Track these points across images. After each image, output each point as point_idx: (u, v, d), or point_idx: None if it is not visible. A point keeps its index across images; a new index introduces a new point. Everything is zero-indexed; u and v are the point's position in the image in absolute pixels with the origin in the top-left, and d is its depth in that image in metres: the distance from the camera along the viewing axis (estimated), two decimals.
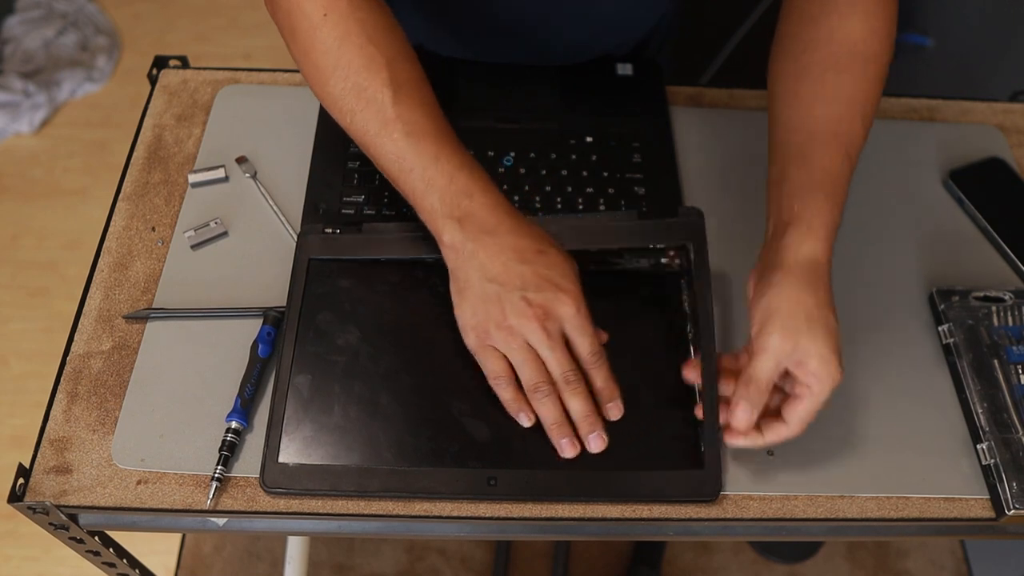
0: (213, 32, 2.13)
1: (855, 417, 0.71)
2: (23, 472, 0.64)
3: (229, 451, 0.65)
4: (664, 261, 0.74)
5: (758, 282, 0.65)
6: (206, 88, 0.88)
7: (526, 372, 0.65)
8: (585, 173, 0.82)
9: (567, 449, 0.65)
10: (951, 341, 0.75)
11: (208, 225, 0.77)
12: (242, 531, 0.69)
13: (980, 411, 0.71)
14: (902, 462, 0.69)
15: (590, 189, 0.81)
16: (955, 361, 0.74)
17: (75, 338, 0.71)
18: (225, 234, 0.78)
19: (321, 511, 0.64)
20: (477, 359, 0.66)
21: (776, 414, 0.64)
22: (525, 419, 0.65)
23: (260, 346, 0.69)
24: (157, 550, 1.37)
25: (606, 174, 0.82)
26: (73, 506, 0.64)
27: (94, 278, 0.75)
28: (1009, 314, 0.76)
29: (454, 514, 0.65)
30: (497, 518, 0.65)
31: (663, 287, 0.73)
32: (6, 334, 1.65)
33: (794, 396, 0.63)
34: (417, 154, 0.65)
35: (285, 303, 0.71)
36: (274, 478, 0.64)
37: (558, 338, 0.64)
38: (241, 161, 0.82)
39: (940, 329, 0.76)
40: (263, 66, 0.91)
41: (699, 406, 0.67)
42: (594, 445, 0.65)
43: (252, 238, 0.78)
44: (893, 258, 0.81)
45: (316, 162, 0.82)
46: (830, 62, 0.70)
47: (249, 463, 0.66)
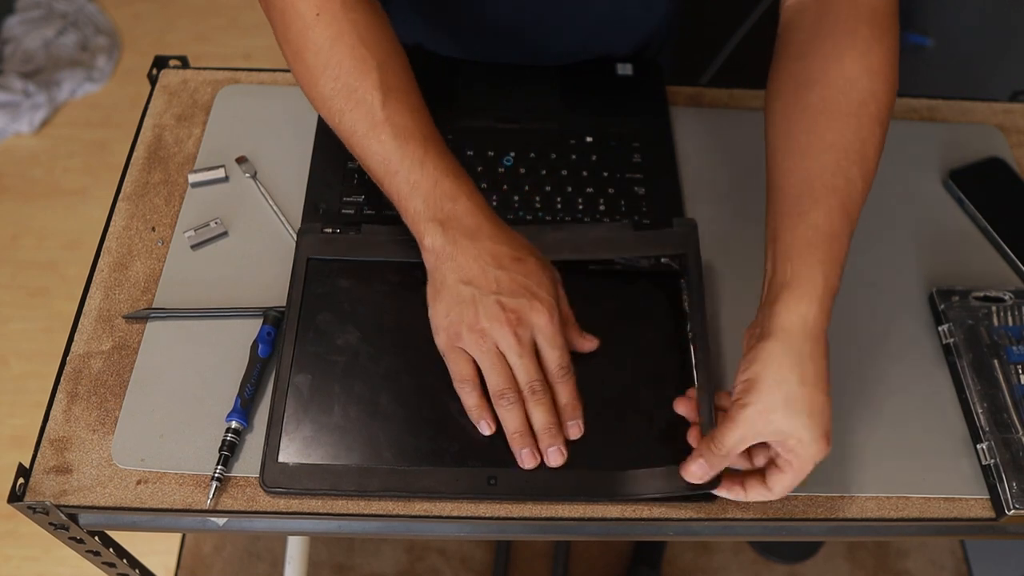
0: (213, 32, 2.13)
1: (855, 417, 0.71)
2: (23, 472, 0.64)
3: (229, 451, 0.65)
4: (664, 260, 0.74)
5: (748, 345, 0.62)
6: (206, 88, 0.88)
7: (493, 377, 0.64)
8: (585, 173, 0.82)
9: (527, 460, 0.64)
10: (951, 341, 0.75)
11: (208, 225, 0.77)
12: (242, 531, 0.69)
13: (980, 411, 0.71)
14: (902, 462, 0.69)
15: (590, 189, 0.81)
16: (955, 361, 0.74)
17: (75, 338, 0.71)
18: (225, 234, 0.78)
19: (321, 511, 0.64)
20: (445, 360, 0.66)
21: (762, 472, 0.62)
22: (486, 427, 0.65)
23: (260, 346, 0.69)
24: (157, 550, 1.37)
25: (606, 174, 0.82)
26: (73, 506, 0.64)
27: (94, 278, 0.75)
28: (1009, 314, 0.76)
29: (454, 514, 0.65)
30: (497, 518, 0.65)
31: (663, 286, 0.73)
32: (6, 334, 1.65)
33: (777, 466, 0.61)
34: (403, 157, 0.65)
35: (285, 303, 0.71)
36: (274, 478, 0.64)
37: (528, 346, 0.64)
38: (241, 161, 0.82)
39: (940, 329, 0.76)
40: (263, 66, 0.91)
41: (691, 431, 0.65)
42: (553, 459, 0.64)
43: (252, 238, 0.78)
44: (893, 258, 0.81)
45: (316, 162, 0.82)
46: (823, 105, 0.65)
47: (249, 463, 0.66)
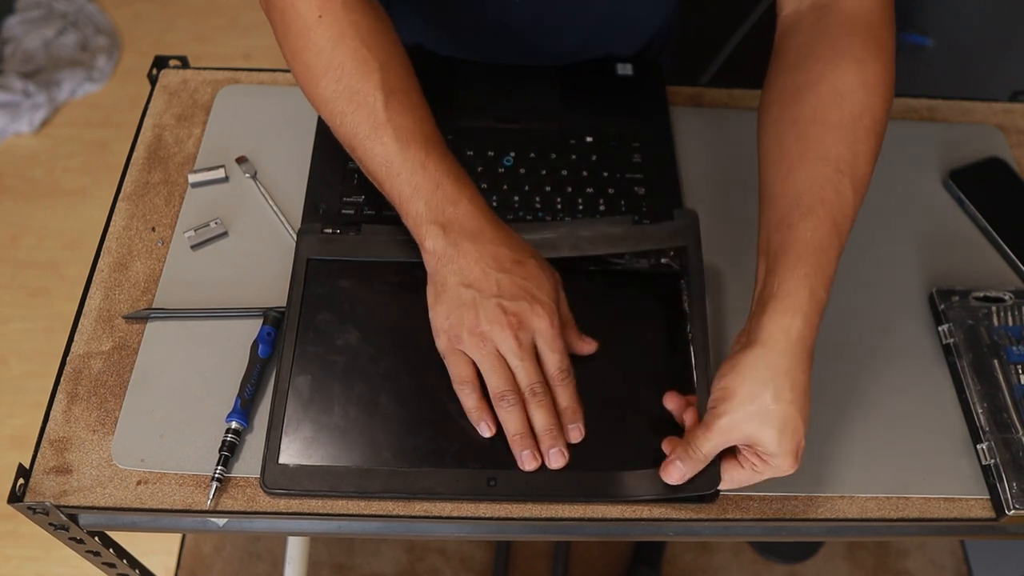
0: (213, 32, 2.13)
1: (855, 417, 0.71)
2: (23, 472, 0.64)
3: (229, 451, 0.65)
4: (664, 261, 0.74)
5: (731, 354, 0.61)
6: (206, 88, 0.88)
7: (494, 379, 0.64)
8: (585, 173, 0.82)
9: (528, 462, 0.64)
10: (951, 341, 0.75)
11: (208, 225, 0.77)
12: (242, 531, 0.69)
13: (980, 411, 0.71)
14: (902, 462, 0.69)
15: (590, 189, 0.81)
16: (955, 361, 0.74)
17: (75, 338, 0.71)
18: (225, 234, 0.78)
19: (321, 511, 0.64)
20: (445, 362, 0.66)
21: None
22: (486, 429, 0.65)
23: (260, 346, 0.69)
24: (157, 550, 1.37)
25: (606, 174, 0.82)
26: (73, 506, 0.64)
27: (94, 278, 0.75)
28: (1009, 314, 0.76)
29: (454, 514, 0.65)
30: (497, 518, 0.65)
31: (664, 286, 0.73)
32: (6, 334, 1.65)
33: (737, 460, 0.61)
34: (405, 159, 0.65)
35: (285, 303, 0.71)
36: (274, 479, 0.64)
37: (529, 349, 0.64)
38: (241, 161, 0.82)
39: (940, 329, 0.76)
40: (263, 66, 0.91)
41: (666, 441, 0.65)
42: (554, 460, 0.64)
43: (252, 238, 0.78)
44: (893, 258, 0.81)
45: (316, 162, 0.82)
46: (817, 116, 0.64)
47: (249, 463, 0.66)
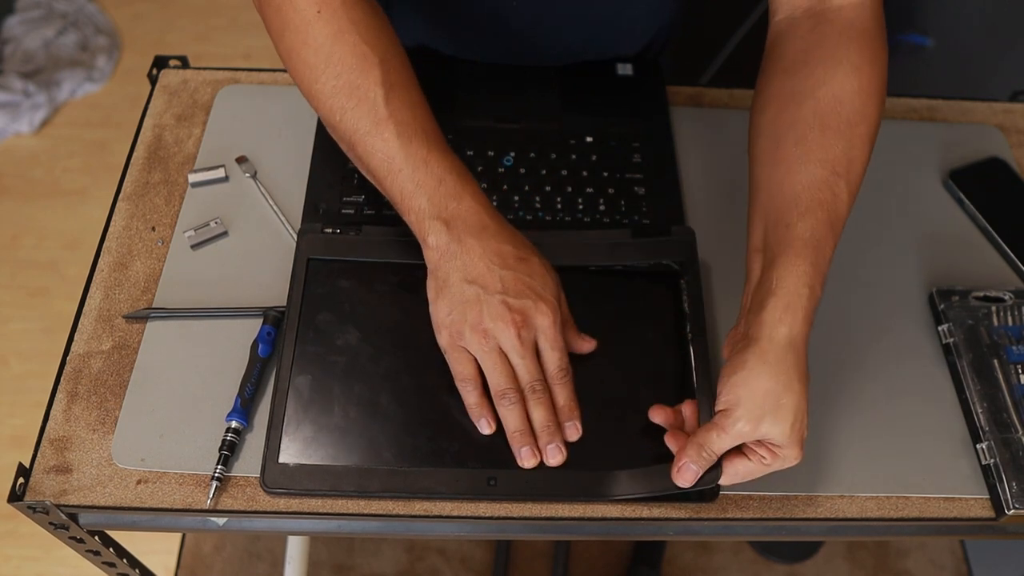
0: (213, 32, 2.13)
1: (855, 417, 0.71)
2: (23, 472, 0.64)
3: (229, 451, 0.65)
4: (664, 261, 0.74)
5: (732, 352, 0.62)
6: (206, 88, 0.88)
7: (495, 377, 0.64)
8: (585, 173, 0.82)
9: (527, 458, 0.64)
10: (951, 341, 0.75)
11: (208, 225, 0.77)
12: (242, 531, 0.69)
13: (980, 411, 0.71)
14: (902, 462, 0.69)
15: (590, 189, 0.81)
16: (955, 361, 0.74)
17: (75, 338, 0.71)
18: (225, 234, 0.78)
19: (321, 511, 0.64)
20: (447, 358, 0.66)
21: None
22: (486, 425, 0.65)
23: (260, 346, 0.69)
24: (157, 550, 1.37)
25: (606, 174, 0.82)
26: (73, 506, 0.64)
27: (94, 278, 0.75)
28: (1009, 314, 0.76)
29: (454, 514, 0.65)
30: (497, 518, 0.65)
31: (663, 286, 0.73)
32: (6, 334, 1.65)
33: (743, 454, 0.61)
34: (407, 155, 0.64)
35: (285, 303, 0.71)
36: (274, 478, 0.64)
37: (530, 347, 0.65)
38: (241, 161, 0.82)
39: (940, 329, 0.76)
40: (263, 66, 0.91)
41: (669, 435, 0.64)
42: (552, 457, 0.64)
43: (252, 238, 0.78)
44: (893, 258, 0.81)
45: (316, 162, 0.82)
46: (814, 120, 0.65)
47: (249, 463, 0.66)
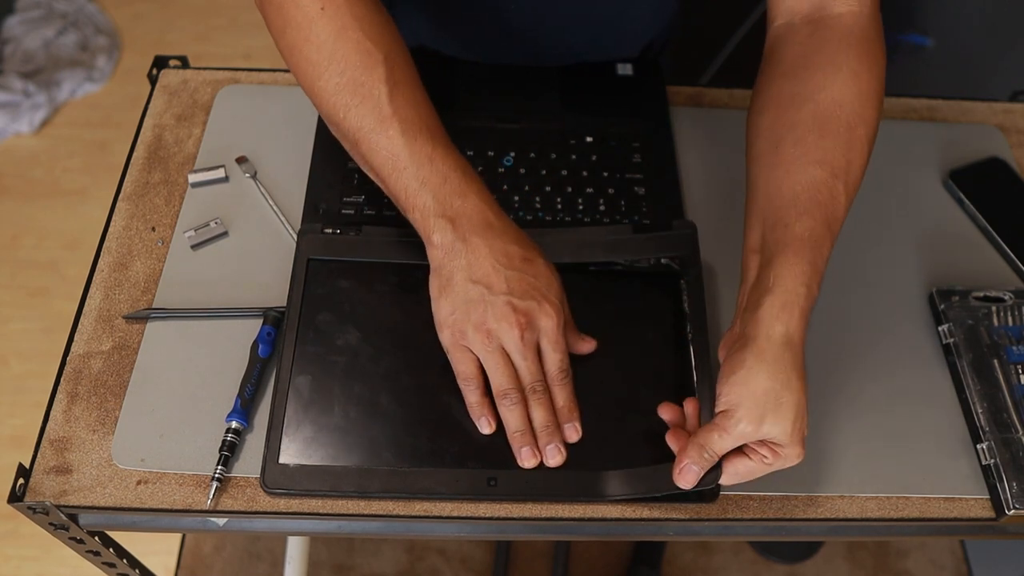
0: (213, 32, 2.13)
1: (855, 417, 0.71)
2: (23, 472, 0.64)
3: (229, 451, 0.65)
4: (664, 261, 0.74)
5: (730, 352, 0.61)
6: (206, 88, 0.88)
7: (498, 377, 0.65)
8: (585, 173, 0.82)
9: (527, 458, 0.64)
10: (951, 341, 0.75)
11: (208, 225, 0.77)
12: (242, 531, 0.69)
13: (980, 411, 0.71)
14: (902, 462, 0.69)
15: (590, 189, 0.81)
16: (955, 361, 0.74)
17: (75, 338, 0.71)
18: (225, 234, 0.78)
19: (321, 511, 0.64)
20: (449, 357, 0.66)
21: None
22: (486, 425, 0.65)
23: (260, 346, 0.69)
24: (157, 550, 1.37)
25: (606, 174, 0.82)
26: (73, 506, 0.64)
27: (94, 278, 0.75)
28: (1009, 314, 0.76)
29: (454, 514, 0.65)
30: (497, 518, 0.65)
31: (663, 286, 0.73)
32: (6, 334, 1.65)
33: (744, 453, 0.60)
34: (412, 153, 0.64)
35: (285, 303, 0.71)
36: (275, 479, 0.64)
37: (533, 348, 0.65)
38: (241, 161, 0.82)
39: (940, 329, 0.76)
40: (263, 66, 0.90)
41: (670, 434, 0.64)
42: (551, 457, 0.65)
43: (252, 238, 0.78)
44: (893, 258, 0.81)
45: (316, 162, 0.82)
46: (814, 123, 0.65)
47: (249, 463, 0.66)
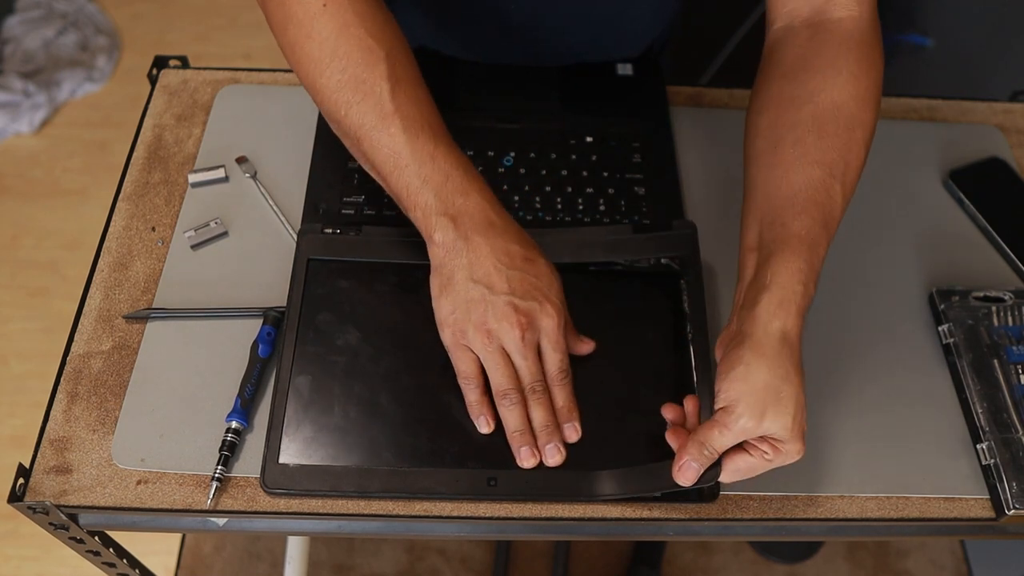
0: (213, 32, 2.13)
1: (855, 417, 0.71)
2: (23, 472, 0.64)
3: (229, 451, 0.65)
4: (664, 261, 0.74)
5: (727, 350, 0.61)
6: (206, 88, 0.88)
7: (498, 377, 0.65)
8: (585, 173, 0.82)
9: (527, 458, 0.64)
10: (951, 341, 0.75)
11: (208, 225, 0.77)
12: (242, 531, 0.69)
13: (980, 411, 0.71)
14: (902, 462, 0.69)
15: (590, 189, 0.81)
16: (955, 361, 0.74)
17: (75, 338, 0.71)
18: (225, 234, 0.78)
19: (321, 511, 0.64)
20: (450, 356, 0.66)
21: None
22: (485, 424, 0.65)
23: (260, 346, 0.69)
24: (157, 550, 1.37)
25: (606, 174, 0.82)
26: (73, 506, 0.64)
27: (94, 278, 0.75)
28: (1009, 314, 0.76)
29: (454, 514, 0.65)
30: (497, 518, 0.65)
31: (663, 286, 0.73)
32: (6, 334, 1.65)
33: (744, 450, 0.60)
34: (414, 151, 0.64)
35: (285, 303, 0.71)
36: (275, 479, 0.64)
37: (533, 348, 0.65)
38: (241, 161, 0.82)
39: (940, 329, 0.76)
40: (263, 66, 0.91)
41: (670, 432, 0.64)
42: (551, 456, 0.64)
43: (252, 238, 0.78)
44: (893, 258, 0.81)
45: (316, 162, 0.82)
46: (812, 124, 0.65)
47: (249, 463, 0.66)
